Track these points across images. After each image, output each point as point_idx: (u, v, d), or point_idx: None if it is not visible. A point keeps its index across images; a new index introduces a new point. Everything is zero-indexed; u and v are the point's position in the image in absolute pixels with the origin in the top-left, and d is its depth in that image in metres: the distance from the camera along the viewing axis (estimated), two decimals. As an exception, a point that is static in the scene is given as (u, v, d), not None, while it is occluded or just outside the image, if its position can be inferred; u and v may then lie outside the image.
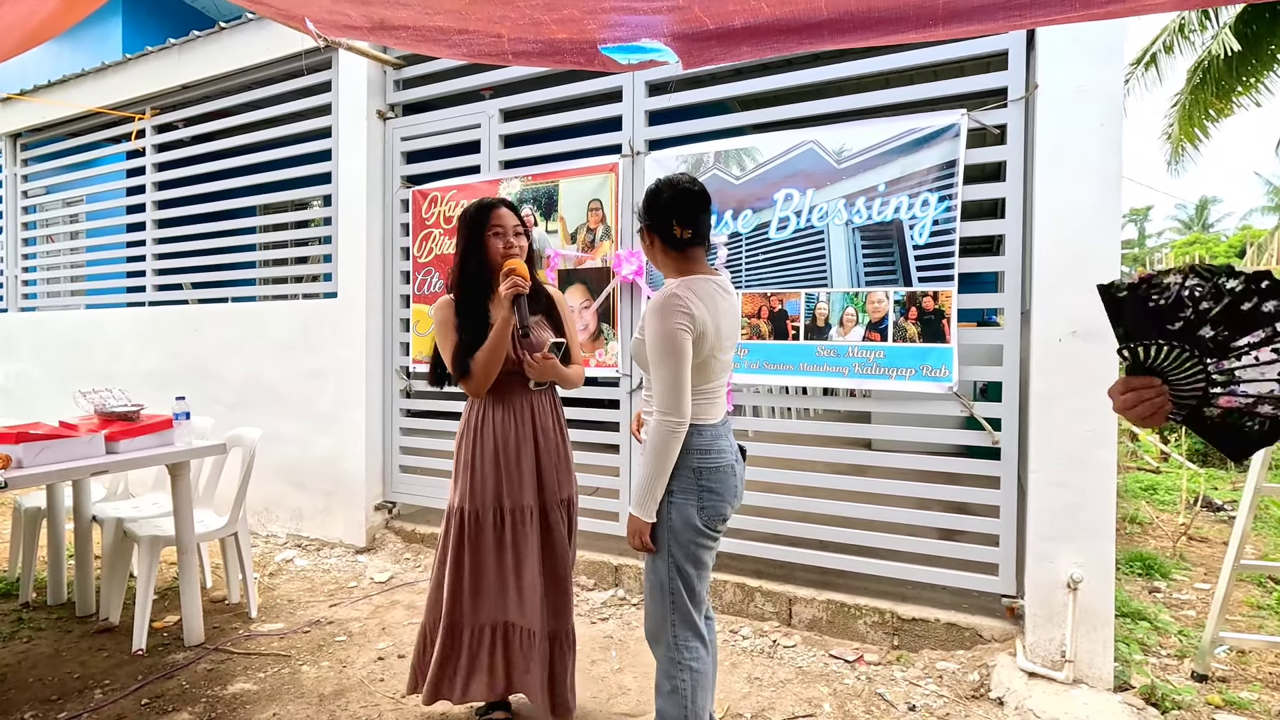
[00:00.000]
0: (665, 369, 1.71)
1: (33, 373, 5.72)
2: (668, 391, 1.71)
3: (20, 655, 2.76)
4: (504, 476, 2.09)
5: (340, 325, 4.20)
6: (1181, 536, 4.33)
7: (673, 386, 1.71)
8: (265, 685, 2.56)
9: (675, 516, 1.78)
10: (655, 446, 1.72)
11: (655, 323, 1.72)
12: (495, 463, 2.09)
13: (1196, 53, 8.28)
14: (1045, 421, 2.59)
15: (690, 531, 1.78)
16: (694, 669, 1.81)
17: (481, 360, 2.00)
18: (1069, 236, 2.55)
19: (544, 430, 2.15)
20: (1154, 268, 11.78)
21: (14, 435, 2.42)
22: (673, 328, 1.70)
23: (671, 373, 1.70)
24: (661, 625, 1.83)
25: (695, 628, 1.83)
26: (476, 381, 2.04)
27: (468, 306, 2.08)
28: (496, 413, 2.11)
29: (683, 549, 1.79)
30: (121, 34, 6.98)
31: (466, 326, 2.05)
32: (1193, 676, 2.62)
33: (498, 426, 2.10)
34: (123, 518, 3.04)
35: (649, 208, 1.85)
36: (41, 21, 1.89)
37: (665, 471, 1.74)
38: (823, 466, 3.22)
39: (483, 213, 2.08)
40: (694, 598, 1.82)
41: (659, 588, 1.82)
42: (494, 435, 2.10)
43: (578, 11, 1.69)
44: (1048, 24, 1.62)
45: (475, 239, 2.07)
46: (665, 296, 1.74)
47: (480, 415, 2.13)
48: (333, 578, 3.70)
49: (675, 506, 1.78)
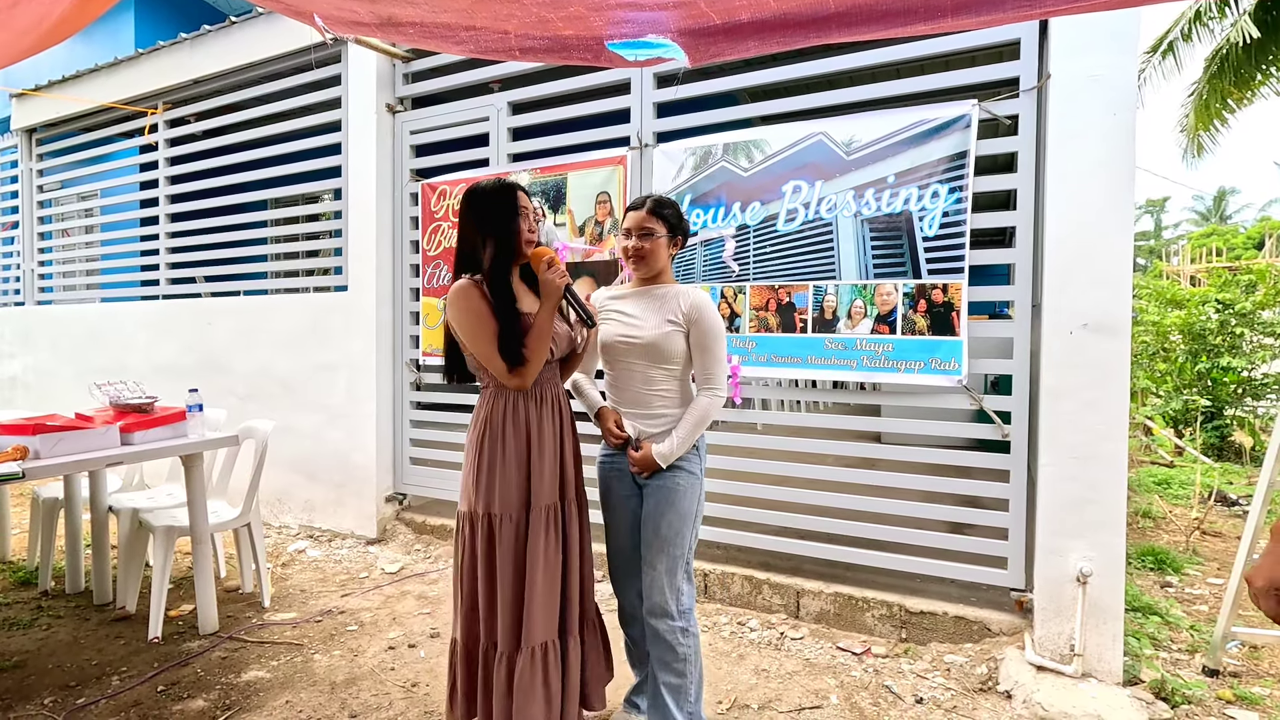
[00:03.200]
0: (720, 352, 1.99)
1: (49, 365, 5.80)
2: (723, 372, 1.99)
3: (40, 642, 2.81)
4: (532, 475, 1.92)
5: (350, 318, 4.23)
6: (1195, 531, 4.29)
7: (724, 367, 2.01)
8: (278, 673, 2.60)
9: (703, 493, 2.06)
10: (703, 418, 1.97)
11: (712, 315, 1.98)
12: (524, 459, 1.92)
13: (1215, 40, 8.14)
14: (1056, 415, 2.57)
15: (702, 505, 2.07)
16: (696, 636, 2.02)
17: (535, 349, 1.85)
18: (1081, 228, 2.52)
19: (564, 424, 2.01)
20: (1170, 260, 11.59)
21: (32, 427, 2.46)
22: (720, 319, 2.01)
23: (723, 356, 2.00)
24: (671, 599, 1.97)
25: (693, 598, 2.04)
26: (531, 372, 1.87)
27: (501, 291, 1.88)
28: (529, 405, 1.93)
29: (698, 522, 2.05)
30: (134, 29, 7.03)
31: (504, 312, 1.86)
32: (1204, 671, 2.60)
33: (531, 420, 1.92)
34: (138, 508, 3.09)
35: (681, 218, 2.05)
36: (56, 22, 1.90)
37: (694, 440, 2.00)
38: (831, 459, 3.22)
39: (508, 193, 1.90)
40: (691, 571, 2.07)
41: (675, 563, 1.98)
42: (525, 429, 1.92)
43: (584, 9, 1.69)
44: (1058, 14, 1.60)
45: (502, 219, 1.89)
46: (705, 296, 2.01)
47: (507, 409, 1.92)
48: (344, 568, 3.74)
49: (698, 483, 2.02)
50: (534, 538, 1.89)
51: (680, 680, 1.97)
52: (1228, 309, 7.16)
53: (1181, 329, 7.45)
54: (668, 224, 2.00)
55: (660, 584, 1.96)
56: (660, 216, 1.98)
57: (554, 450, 1.96)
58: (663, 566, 1.96)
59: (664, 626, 1.96)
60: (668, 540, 1.96)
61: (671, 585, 1.96)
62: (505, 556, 1.89)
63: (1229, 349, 7.04)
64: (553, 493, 1.95)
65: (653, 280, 2.05)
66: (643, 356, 1.98)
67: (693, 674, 1.99)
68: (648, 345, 1.96)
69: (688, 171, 3.33)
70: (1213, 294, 7.48)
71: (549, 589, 1.91)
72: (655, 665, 2.01)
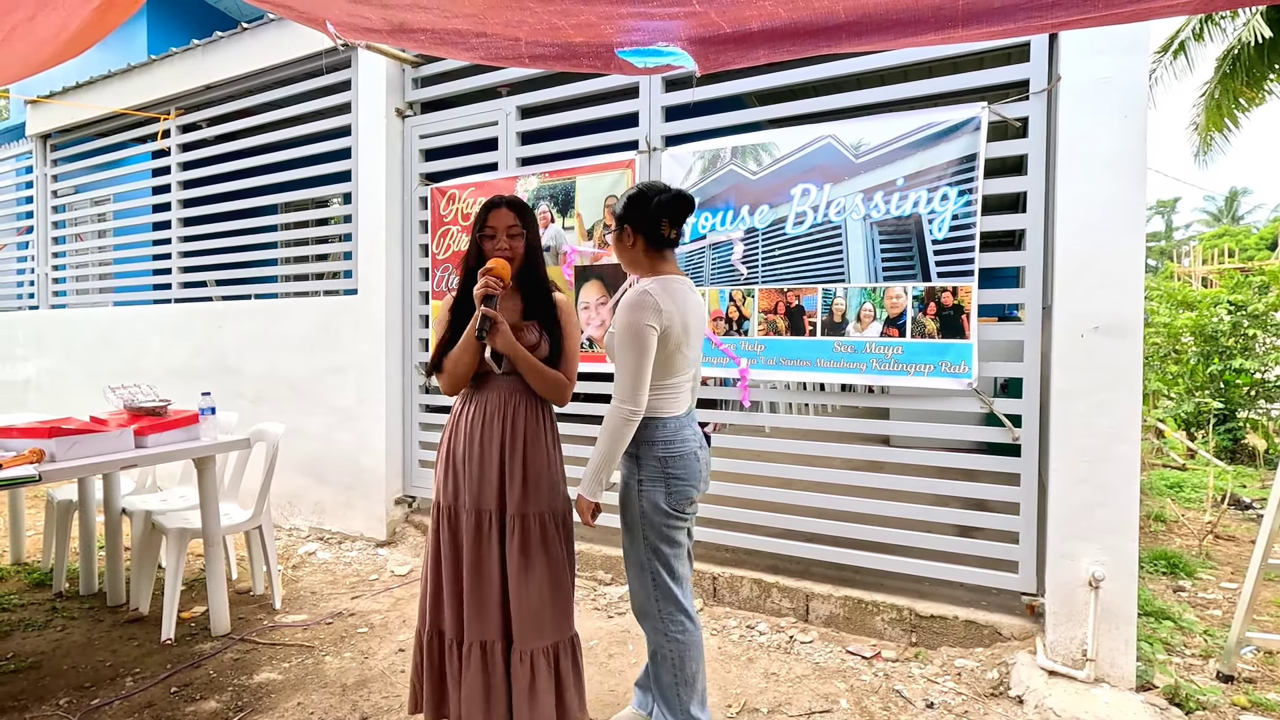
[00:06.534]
0: (628, 361, 1.83)
1: (63, 368, 5.86)
2: (627, 381, 1.84)
3: (54, 643, 2.84)
4: (468, 474, 1.99)
5: (360, 321, 4.26)
6: (1208, 535, 4.26)
7: (632, 377, 1.83)
8: (290, 675, 2.61)
9: (646, 503, 1.94)
10: (610, 429, 1.85)
11: (624, 316, 1.84)
12: (464, 458, 2.00)
13: (1227, 40, 8.08)
14: (1066, 418, 2.56)
15: (660, 515, 1.93)
16: (679, 640, 1.97)
17: (451, 358, 1.98)
18: (1091, 230, 2.51)
19: (514, 434, 1.99)
20: (1181, 261, 11.55)
21: (47, 430, 2.48)
22: (640, 323, 1.82)
23: (633, 365, 1.83)
24: (647, 601, 1.99)
25: (678, 602, 1.97)
26: (444, 378, 2.03)
27: (461, 305, 2.04)
28: (469, 408, 2.04)
29: (655, 531, 1.94)
30: (147, 36, 7.10)
31: (453, 324, 2.02)
32: (1218, 677, 2.58)
33: (470, 421, 2.02)
34: (151, 510, 3.12)
35: (635, 208, 1.94)
36: (74, 34, 1.93)
37: (615, 456, 1.88)
38: (840, 463, 3.21)
39: (481, 213, 2.04)
40: (673, 575, 1.97)
41: (640, 568, 1.98)
42: (464, 430, 2.02)
43: (595, 17, 1.70)
44: (1069, 27, 1.60)
45: (473, 240, 2.05)
46: (638, 293, 1.86)
47: (457, 409, 2.09)
48: (354, 570, 3.76)
49: (645, 494, 1.93)
50: (469, 535, 1.97)
51: (670, 678, 1.99)
52: (1240, 310, 7.10)
53: (1193, 331, 7.39)
54: (629, 228, 1.95)
55: (634, 587, 2.03)
56: (622, 229, 1.96)
57: (495, 460, 1.98)
58: (630, 573, 2.03)
59: (646, 627, 2.04)
60: (627, 551, 2.02)
61: (644, 590, 1.99)
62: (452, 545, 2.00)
63: (1241, 351, 6.98)
64: (489, 500, 1.97)
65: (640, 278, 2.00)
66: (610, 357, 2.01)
67: (681, 677, 1.99)
68: (605, 346, 2.00)
69: (696, 175, 3.33)
70: (1225, 295, 7.42)
71: (476, 589, 1.95)
72: (649, 661, 2.08)
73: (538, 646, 1.94)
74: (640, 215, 1.94)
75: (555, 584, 1.98)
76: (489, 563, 1.96)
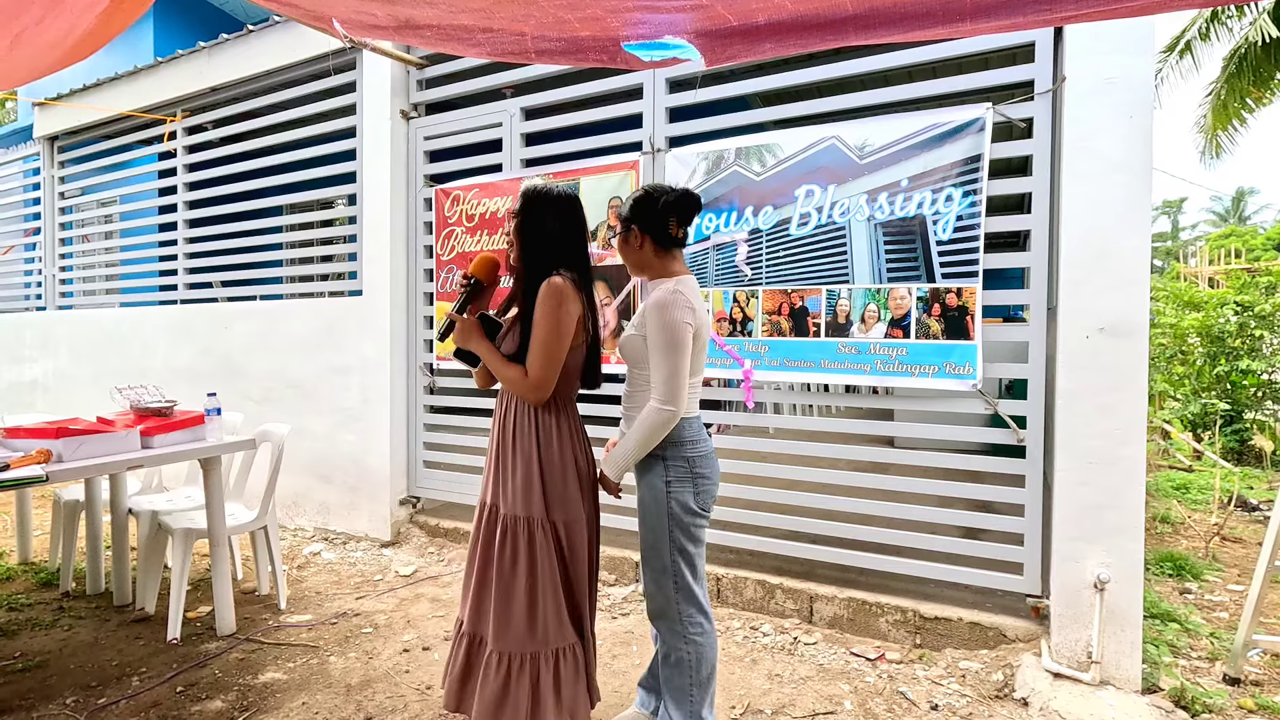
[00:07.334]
0: (670, 362, 1.82)
1: (69, 369, 5.89)
2: (669, 382, 1.82)
3: (61, 643, 2.85)
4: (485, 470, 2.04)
5: (365, 322, 4.27)
6: (1214, 537, 4.23)
7: (674, 377, 1.82)
8: (294, 675, 2.62)
9: (675, 504, 1.92)
10: (649, 429, 1.85)
11: (661, 316, 1.82)
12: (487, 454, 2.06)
13: (1233, 39, 8.05)
14: (1072, 419, 2.55)
15: (689, 515, 1.93)
16: (698, 642, 1.95)
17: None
18: (1097, 231, 2.50)
19: (505, 433, 1.96)
20: (1187, 262, 11.50)
21: (54, 430, 2.50)
22: (679, 321, 1.81)
23: (675, 365, 1.82)
24: (666, 604, 1.96)
25: (698, 602, 1.96)
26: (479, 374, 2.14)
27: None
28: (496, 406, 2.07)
29: (684, 531, 1.93)
30: (153, 38, 7.14)
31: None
32: (1224, 679, 2.56)
33: (493, 419, 2.08)
34: (157, 510, 3.13)
35: (642, 208, 1.94)
36: (81, 38, 1.94)
37: (647, 450, 1.89)
38: (844, 464, 3.21)
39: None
40: (695, 574, 1.97)
41: (664, 571, 1.95)
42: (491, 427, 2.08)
43: (601, 10, 1.70)
44: (1077, 20, 1.59)
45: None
46: (669, 293, 1.85)
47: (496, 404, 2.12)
48: (359, 571, 3.77)
49: (674, 495, 1.91)
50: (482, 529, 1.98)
51: (685, 680, 1.97)
52: (1247, 311, 7.06)
53: (1200, 331, 7.36)
54: (636, 228, 1.95)
55: (651, 590, 2.00)
56: (629, 229, 1.97)
57: (494, 453, 2.00)
58: (650, 576, 2.00)
59: (661, 628, 2.01)
60: (646, 555, 1.99)
61: (662, 593, 1.96)
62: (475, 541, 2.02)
63: (1248, 351, 6.94)
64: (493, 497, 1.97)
65: (651, 279, 2.01)
66: (625, 359, 2.01)
67: (697, 679, 1.97)
68: (620, 347, 2.01)
69: (700, 176, 3.33)
70: (1231, 296, 7.38)
71: (468, 577, 1.98)
72: (660, 661, 2.05)
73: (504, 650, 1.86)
74: (648, 215, 1.93)
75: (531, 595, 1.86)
76: (475, 553, 1.99)
